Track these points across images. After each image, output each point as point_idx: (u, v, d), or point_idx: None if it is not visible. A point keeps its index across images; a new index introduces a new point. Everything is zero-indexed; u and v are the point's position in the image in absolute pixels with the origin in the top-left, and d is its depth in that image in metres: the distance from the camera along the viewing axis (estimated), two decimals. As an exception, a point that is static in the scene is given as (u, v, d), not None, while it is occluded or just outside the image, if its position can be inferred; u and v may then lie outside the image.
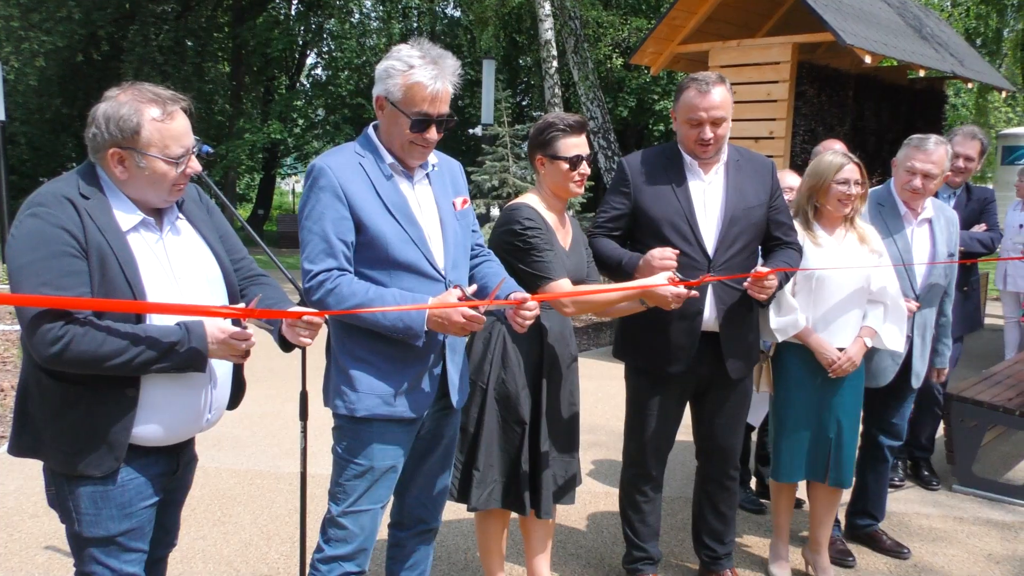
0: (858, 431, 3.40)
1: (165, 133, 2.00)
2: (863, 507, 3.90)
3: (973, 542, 3.98)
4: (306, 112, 24.28)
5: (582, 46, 12.38)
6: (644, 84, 19.78)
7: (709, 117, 2.97)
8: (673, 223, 3.04)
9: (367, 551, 2.49)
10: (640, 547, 3.39)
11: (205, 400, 2.16)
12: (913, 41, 8.18)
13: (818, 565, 3.53)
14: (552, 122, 2.89)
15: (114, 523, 2.08)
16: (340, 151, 2.41)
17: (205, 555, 3.66)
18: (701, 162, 3.09)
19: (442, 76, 2.30)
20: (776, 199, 3.17)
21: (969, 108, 22.94)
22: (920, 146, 3.57)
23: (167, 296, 2.04)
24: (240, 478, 4.57)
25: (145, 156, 1.98)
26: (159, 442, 2.11)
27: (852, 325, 3.32)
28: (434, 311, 2.25)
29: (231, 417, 5.72)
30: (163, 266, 2.07)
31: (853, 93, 8.36)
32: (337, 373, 2.42)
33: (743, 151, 3.23)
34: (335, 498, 2.46)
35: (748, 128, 7.33)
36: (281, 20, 23.02)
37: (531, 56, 20.63)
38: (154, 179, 2.02)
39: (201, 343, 2.00)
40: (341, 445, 2.45)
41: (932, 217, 3.71)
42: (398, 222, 2.34)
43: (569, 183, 2.90)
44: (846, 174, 3.27)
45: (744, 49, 7.43)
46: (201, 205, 2.31)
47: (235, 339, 2.03)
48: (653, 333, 3.12)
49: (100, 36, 20.12)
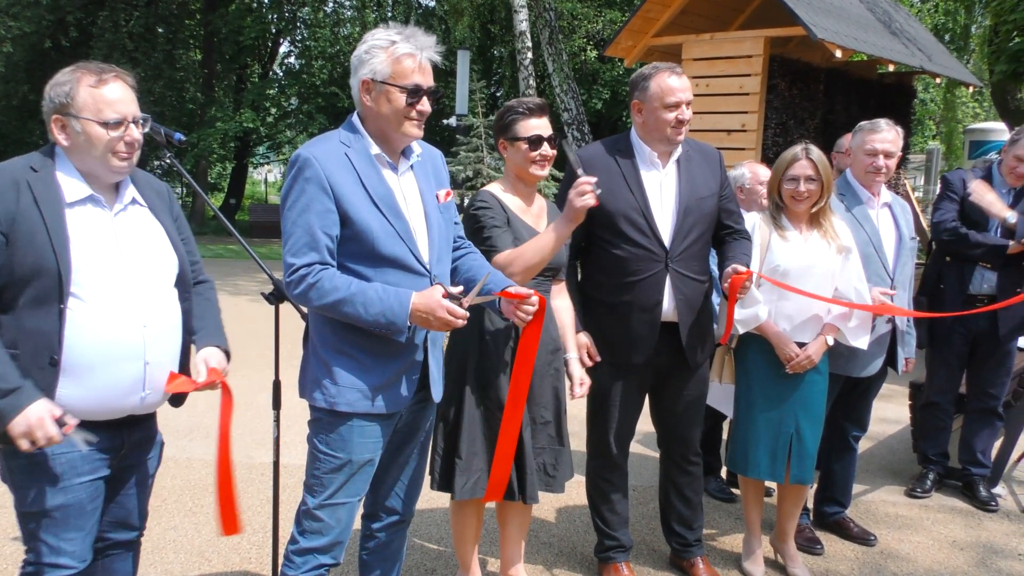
0: (820, 426, 3.40)
1: (98, 97, 2.08)
2: (830, 494, 3.97)
3: (938, 529, 4.06)
4: (279, 101, 24.04)
5: (557, 38, 12.39)
6: (618, 76, 19.83)
7: (687, 99, 3.05)
8: (628, 217, 3.07)
9: (342, 544, 2.48)
10: (611, 536, 3.42)
11: (137, 375, 2.14)
12: (883, 36, 8.29)
13: (786, 554, 3.57)
14: (511, 106, 2.93)
15: (48, 497, 2.09)
16: (325, 140, 2.36)
17: (176, 545, 3.64)
18: (660, 153, 3.13)
19: (424, 48, 2.30)
20: (725, 188, 3.25)
21: (937, 103, 23.29)
22: (874, 128, 3.64)
23: (106, 273, 2.09)
24: (212, 468, 4.54)
25: (79, 119, 2.07)
26: (90, 414, 2.10)
27: (815, 322, 3.30)
28: (418, 307, 2.23)
29: (202, 407, 5.68)
30: (108, 244, 2.12)
31: (824, 87, 8.45)
32: (317, 365, 2.38)
33: (692, 142, 3.26)
34: (311, 490, 2.42)
35: (721, 121, 7.39)
36: (254, 8, 22.73)
37: (505, 47, 20.59)
38: (91, 143, 2.08)
39: (12, 410, 1.97)
40: (319, 438, 2.41)
41: (891, 202, 3.77)
42: (384, 216, 2.31)
43: (530, 164, 2.91)
44: (795, 170, 3.26)
45: (717, 42, 7.48)
46: (165, 200, 2.34)
47: (44, 435, 1.99)
48: (614, 325, 3.16)
49: (68, 22, 19.74)
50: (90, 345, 2.06)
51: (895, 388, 6.07)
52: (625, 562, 3.44)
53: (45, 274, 2.02)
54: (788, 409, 3.32)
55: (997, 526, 4.14)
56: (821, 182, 3.25)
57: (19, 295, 2.03)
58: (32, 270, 2.01)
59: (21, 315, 2.03)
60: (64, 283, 2.03)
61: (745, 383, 3.41)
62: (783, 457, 3.34)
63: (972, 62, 21.27)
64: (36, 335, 2.02)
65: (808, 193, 3.25)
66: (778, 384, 3.32)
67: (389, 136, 2.37)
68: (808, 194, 3.25)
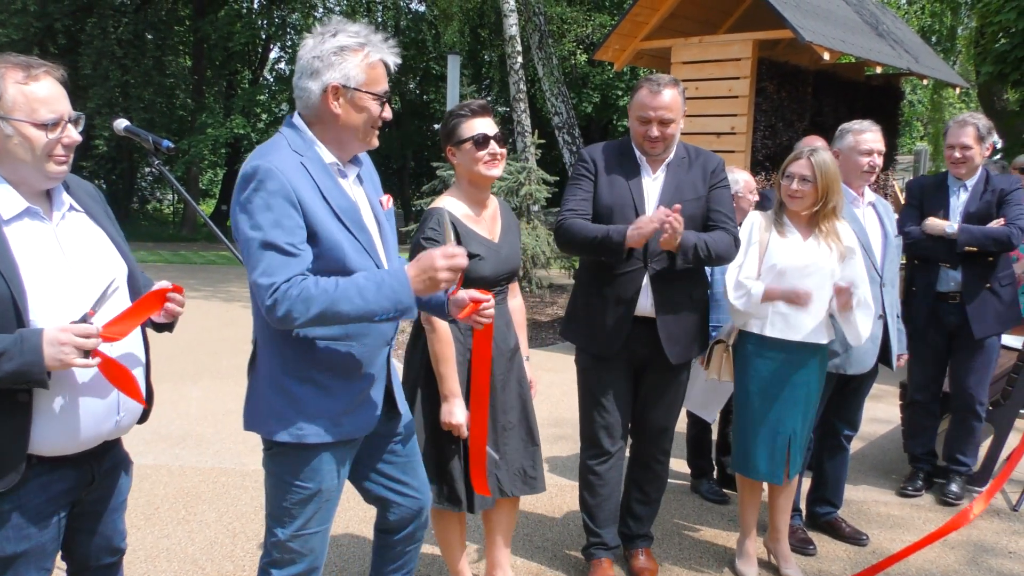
0: (811, 425, 3.42)
1: (30, 96, 1.86)
2: (823, 495, 3.99)
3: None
4: (270, 107, 24.03)
5: (546, 42, 12.42)
6: (608, 80, 19.89)
7: (657, 116, 3.11)
8: (624, 213, 3.17)
9: (318, 569, 2.37)
10: (595, 532, 3.43)
11: (111, 401, 2.00)
12: (870, 38, 8.34)
13: (779, 554, 3.58)
14: (452, 111, 2.90)
15: (10, 544, 1.93)
16: (275, 148, 2.12)
17: (170, 554, 3.63)
18: (650, 159, 3.23)
19: (391, 51, 2.19)
20: (713, 191, 3.26)
21: (925, 104, 23.40)
22: (863, 129, 3.71)
23: (60, 289, 1.90)
24: (204, 476, 4.53)
25: (10, 121, 1.85)
26: (64, 451, 1.95)
27: (809, 322, 3.29)
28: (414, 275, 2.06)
29: (195, 415, 5.69)
30: (55, 257, 1.92)
31: (812, 89, 8.49)
32: (275, 394, 2.17)
33: (696, 150, 3.34)
34: (280, 522, 2.25)
35: (710, 123, 7.42)
36: (244, 14, 22.76)
37: (496, 51, 20.62)
38: (24, 147, 1.87)
39: (35, 353, 1.78)
40: (283, 469, 2.23)
41: (874, 200, 3.82)
42: (350, 230, 2.15)
43: (479, 165, 2.84)
44: (793, 168, 3.29)
45: (706, 46, 7.52)
46: (99, 203, 2.17)
47: (79, 336, 1.81)
48: (592, 316, 3.28)
49: (57, 29, 19.69)
50: (58, 376, 1.87)
51: (886, 388, 6.10)
52: (607, 559, 3.44)
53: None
54: (785, 410, 3.33)
55: (988, 525, 4.16)
56: (816, 185, 3.25)
57: None
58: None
59: None
60: (22, 311, 1.83)
61: (742, 382, 3.42)
62: (781, 459, 3.36)
63: (959, 64, 21.40)
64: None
65: (800, 193, 3.27)
66: (775, 385, 3.33)
67: (348, 145, 2.22)
68: (801, 194, 3.27)
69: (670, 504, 4.26)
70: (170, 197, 26.64)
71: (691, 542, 3.88)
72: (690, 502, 4.35)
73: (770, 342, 3.33)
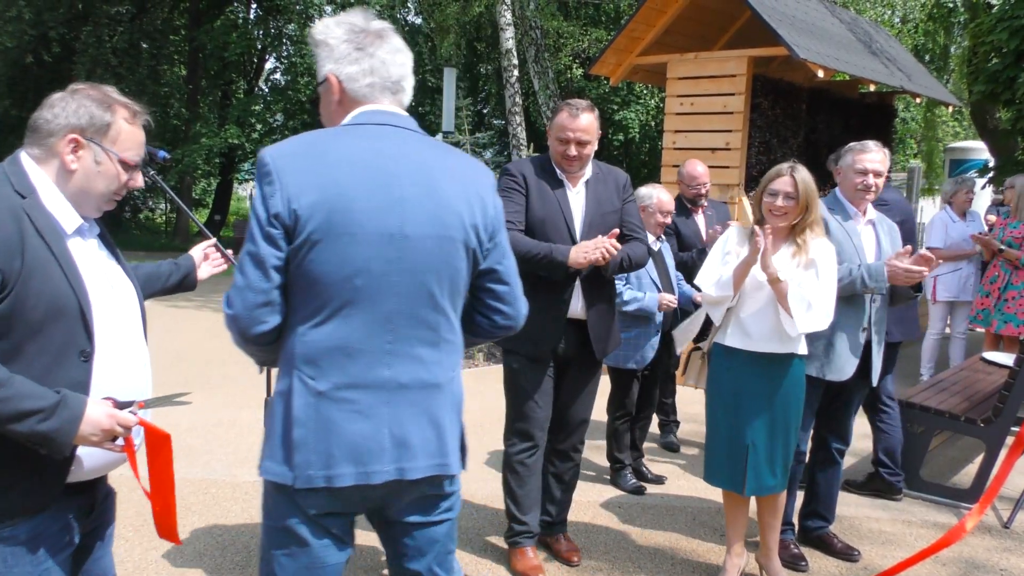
0: (788, 438, 3.40)
1: (130, 136, 1.94)
2: (814, 509, 3.99)
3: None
4: (264, 117, 24.00)
5: (543, 56, 12.48)
6: (604, 94, 19.94)
7: (575, 137, 3.41)
8: (555, 224, 3.46)
9: None
10: (520, 520, 3.62)
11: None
12: (864, 56, 8.39)
13: (770, 570, 3.57)
14: None
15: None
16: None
17: (159, 566, 3.60)
18: (568, 175, 3.53)
19: None
20: (626, 204, 3.64)
21: (918, 122, 23.55)
22: (863, 148, 3.77)
23: (110, 312, 1.92)
24: (194, 487, 4.50)
25: (107, 152, 1.90)
26: (93, 473, 1.95)
27: (767, 334, 3.32)
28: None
29: (184, 427, 5.65)
30: (101, 278, 1.96)
31: (806, 106, 8.55)
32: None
33: (603, 166, 3.68)
34: None
35: (705, 139, 7.45)
36: (239, 24, 22.74)
37: (492, 64, 20.69)
38: (105, 178, 1.91)
39: (72, 423, 1.73)
40: None
41: (875, 220, 3.84)
42: None
43: None
44: (776, 185, 3.32)
45: (701, 62, 7.55)
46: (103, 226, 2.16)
47: (121, 425, 1.82)
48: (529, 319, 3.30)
49: (51, 37, 19.69)
50: (114, 394, 1.88)
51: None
52: (531, 547, 3.65)
53: (65, 316, 1.80)
54: (744, 420, 3.36)
55: (979, 542, 4.16)
56: (798, 201, 3.29)
57: (24, 346, 1.77)
58: (47, 313, 1.77)
59: (31, 371, 1.75)
60: (88, 324, 1.84)
61: (708, 390, 3.54)
62: (740, 468, 3.37)
63: (951, 82, 21.55)
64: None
65: (785, 209, 3.30)
66: (736, 394, 3.38)
67: None
68: (785, 210, 3.30)
69: (662, 520, 4.26)
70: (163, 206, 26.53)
71: (681, 558, 3.88)
72: (682, 517, 4.35)
73: (736, 352, 3.38)
